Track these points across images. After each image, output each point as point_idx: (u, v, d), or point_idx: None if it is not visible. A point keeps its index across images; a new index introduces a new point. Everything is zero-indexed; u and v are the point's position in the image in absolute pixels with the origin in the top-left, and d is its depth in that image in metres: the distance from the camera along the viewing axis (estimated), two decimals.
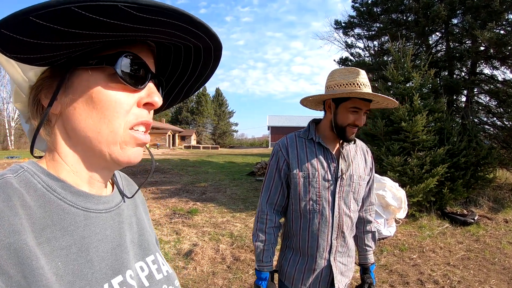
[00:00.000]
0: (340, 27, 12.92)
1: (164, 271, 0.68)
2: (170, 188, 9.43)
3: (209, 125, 64.78)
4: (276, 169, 1.64)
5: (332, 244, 1.61)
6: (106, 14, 0.42)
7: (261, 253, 1.61)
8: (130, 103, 0.55)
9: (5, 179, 0.49)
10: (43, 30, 0.42)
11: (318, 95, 1.63)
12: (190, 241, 4.91)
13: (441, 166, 5.98)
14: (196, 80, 0.68)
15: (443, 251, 4.72)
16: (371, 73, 10.54)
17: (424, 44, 10.77)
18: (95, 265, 0.53)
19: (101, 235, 0.56)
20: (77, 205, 0.54)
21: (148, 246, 0.68)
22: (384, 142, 6.78)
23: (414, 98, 6.36)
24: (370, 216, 1.79)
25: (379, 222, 4.93)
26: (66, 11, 0.40)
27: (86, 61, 0.52)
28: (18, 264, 0.43)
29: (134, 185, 0.79)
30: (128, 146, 0.56)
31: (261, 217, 1.64)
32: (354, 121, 1.54)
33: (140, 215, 0.72)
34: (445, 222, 5.96)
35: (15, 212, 0.45)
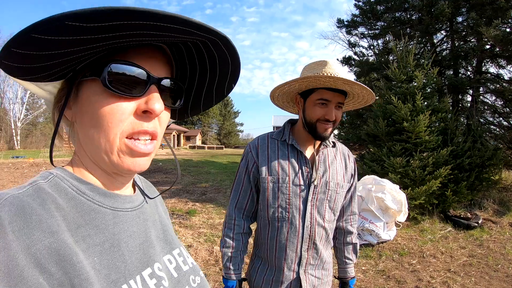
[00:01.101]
0: (343, 26, 12.83)
1: (189, 263, 0.72)
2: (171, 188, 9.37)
3: (215, 125, 64.99)
4: (246, 172, 1.53)
5: (302, 255, 1.47)
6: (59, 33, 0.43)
7: (228, 260, 1.50)
8: (125, 112, 0.54)
9: (38, 185, 0.52)
10: (21, 56, 0.46)
11: (274, 88, 1.48)
12: (185, 242, 4.84)
13: (445, 167, 5.85)
14: (222, 79, 0.66)
15: (444, 257, 4.56)
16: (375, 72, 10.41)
17: (428, 43, 10.64)
18: (127, 259, 0.56)
19: (129, 232, 0.60)
20: (105, 205, 0.58)
21: (173, 240, 0.73)
22: (385, 143, 6.67)
23: (417, 98, 6.23)
24: (351, 226, 1.65)
25: (378, 225, 4.80)
26: (29, 38, 0.43)
27: (85, 73, 0.55)
28: (58, 262, 0.46)
29: (153, 187, 0.84)
30: (126, 156, 0.56)
31: (228, 222, 1.53)
32: (323, 115, 1.38)
33: (160, 213, 0.77)
34: (448, 225, 5.81)
35: (51, 214, 0.49)
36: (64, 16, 0.41)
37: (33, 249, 0.44)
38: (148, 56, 0.57)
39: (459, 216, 5.97)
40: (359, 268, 4.15)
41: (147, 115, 0.56)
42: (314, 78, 1.34)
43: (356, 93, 1.43)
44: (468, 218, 5.86)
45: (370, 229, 4.78)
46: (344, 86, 1.35)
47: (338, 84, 1.34)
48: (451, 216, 6.02)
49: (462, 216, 5.98)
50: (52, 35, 0.43)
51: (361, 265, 4.22)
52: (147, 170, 4.77)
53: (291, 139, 1.49)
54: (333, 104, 1.39)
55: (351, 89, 1.38)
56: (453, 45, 10.31)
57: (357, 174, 1.67)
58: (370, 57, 12.81)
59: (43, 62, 0.48)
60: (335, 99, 1.38)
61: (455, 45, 10.23)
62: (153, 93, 0.56)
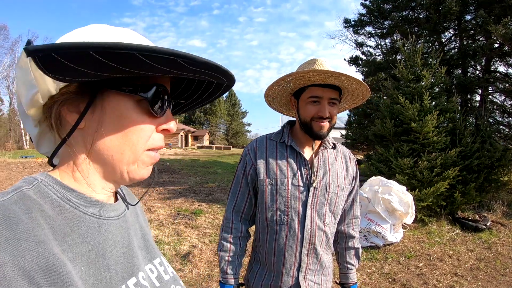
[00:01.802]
0: (350, 26, 12.74)
1: (169, 272, 0.73)
2: (177, 188, 9.45)
3: (222, 125, 65.18)
4: (243, 175, 1.49)
5: (302, 260, 1.43)
6: (162, 63, 0.47)
7: (225, 264, 1.48)
8: (152, 129, 0.59)
9: (22, 191, 0.50)
10: (97, 64, 0.45)
11: (265, 91, 1.47)
12: (190, 242, 4.86)
13: (453, 168, 5.76)
14: (199, 104, 0.75)
15: (452, 260, 4.48)
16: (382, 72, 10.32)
17: (436, 42, 10.51)
18: (112, 269, 0.56)
19: (113, 241, 0.60)
20: (91, 213, 0.57)
21: (153, 250, 0.73)
22: (393, 143, 6.60)
23: (424, 97, 6.15)
24: (353, 230, 1.60)
25: (384, 227, 4.75)
26: (129, 55, 0.44)
27: (119, 86, 0.55)
28: (47, 273, 0.45)
29: (132, 194, 0.83)
30: (144, 165, 0.61)
31: (226, 225, 1.51)
32: (317, 112, 1.35)
33: (141, 222, 0.76)
34: (456, 228, 5.71)
35: (37, 223, 0.48)
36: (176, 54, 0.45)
37: (21, 260, 0.43)
38: (165, 79, 0.62)
39: (467, 218, 5.88)
40: (365, 270, 4.11)
41: (164, 132, 0.62)
42: (297, 75, 1.32)
43: (348, 86, 1.38)
44: (476, 221, 5.76)
45: (376, 231, 4.73)
46: (330, 79, 1.31)
47: (323, 78, 1.31)
48: (459, 218, 5.92)
49: (470, 218, 5.89)
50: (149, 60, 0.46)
51: (366, 268, 4.18)
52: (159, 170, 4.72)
53: (290, 140, 1.46)
54: (325, 100, 1.35)
55: (339, 82, 1.34)
56: (461, 43, 10.17)
57: (365, 175, 1.62)
58: (377, 56, 12.69)
59: (98, 71, 0.48)
60: (326, 94, 1.35)
61: (463, 43, 10.09)
62: (169, 113, 0.63)
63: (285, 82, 1.39)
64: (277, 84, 1.42)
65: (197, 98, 0.72)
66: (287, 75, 1.35)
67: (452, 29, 10.44)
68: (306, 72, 1.30)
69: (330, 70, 1.28)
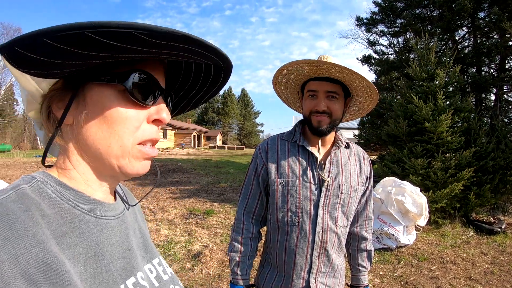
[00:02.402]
0: (362, 24, 12.62)
1: (168, 272, 0.72)
2: (189, 188, 9.53)
3: (235, 126, 65.39)
4: (255, 175, 1.48)
5: (313, 263, 1.40)
6: (119, 39, 0.44)
7: (235, 265, 1.46)
8: (139, 119, 0.57)
9: (20, 189, 0.50)
10: (55, 50, 0.44)
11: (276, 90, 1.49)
12: (201, 242, 4.89)
13: (467, 169, 5.65)
14: (204, 94, 0.71)
15: (465, 263, 4.38)
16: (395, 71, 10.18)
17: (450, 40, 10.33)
18: (111, 268, 0.56)
19: (112, 240, 0.59)
20: (89, 212, 0.57)
21: (152, 250, 0.72)
22: (406, 144, 6.50)
23: (438, 97, 6.04)
24: (366, 232, 1.56)
25: (397, 229, 4.68)
26: (80, 35, 0.42)
27: (99, 76, 0.54)
28: (46, 272, 0.44)
29: (131, 194, 0.82)
30: (137, 160, 0.58)
31: (237, 226, 1.49)
32: (314, 106, 1.34)
33: (139, 222, 0.76)
34: (470, 230, 5.59)
35: (36, 221, 0.47)
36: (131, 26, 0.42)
37: (20, 259, 0.43)
38: (156, 67, 0.60)
39: (481, 221, 5.74)
40: (377, 273, 4.06)
41: (156, 123, 0.59)
42: (286, 70, 1.33)
43: (341, 77, 1.34)
44: (491, 223, 5.62)
45: (389, 233, 4.66)
46: (317, 69, 1.30)
47: (306, 67, 1.30)
48: (473, 220, 5.80)
49: (484, 221, 5.75)
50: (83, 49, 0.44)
51: (378, 270, 4.12)
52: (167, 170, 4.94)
53: (302, 140, 1.43)
54: (321, 93, 1.33)
55: (329, 73, 1.31)
56: (475, 41, 9.96)
57: (378, 176, 1.59)
58: (390, 55, 12.53)
59: (64, 60, 0.47)
60: (322, 88, 1.33)
61: (477, 41, 9.88)
62: (161, 103, 0.60)
63: (283, 78, 1.40)
64: (276, 82, 1.43)
65: (199, 90, 0.70)
66: (278, 71, 1.36)
67: (465, 26, 10.24)
68: (292, 65, 1.30)
69: (313, 59, 1.26)
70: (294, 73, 1.37)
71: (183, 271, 3.93)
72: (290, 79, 1.42)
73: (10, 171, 12.89)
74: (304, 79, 1.38)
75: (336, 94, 1.34)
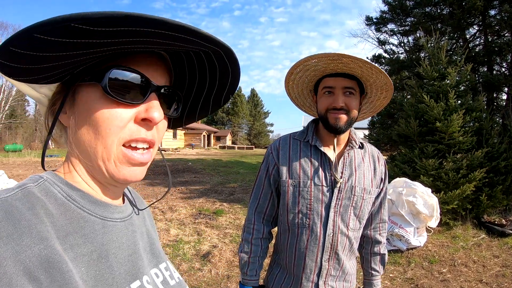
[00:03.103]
0: (372, 23, 12.52)
1: (175, 277, 0.71)
2: (199, 188, 9.57)
3: (245, 126, 65.44)
4: (266, 175, 1.45)
5: (323, 266, 1.37)
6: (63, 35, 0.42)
7: (245, 266, 1.45)
8: (124, 119, 0.54)
9: (27, 188, 0.50)
10: (20, 56, 0.44)
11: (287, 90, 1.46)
12: (211, 242, 4.91)
13: (479, 170, 5.54)
14: (220, 89, 0.67)
15: (477, 266, 4.31)
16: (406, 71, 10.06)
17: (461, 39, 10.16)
18: (115, 271, 0.55)
19: (118, 243, 0.58)
20: (95, 214, 0.56)
21: (159, 254, 0.71)
22: (417, 144, 6.41)
23: (450, 96, 5.94)
24: (379, 235, 1.52)
25: (408, 230, 4.62)
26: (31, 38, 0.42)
27: (83, 77, 0.54)
28: (48, 269, 0.44)
29: (141, 198, 0.82)
30: (123, 165, 0.56)
31: (247, 226, 1.47)
32: (331, 103, 1.29)
33: (148, 225, 0.75)
34: (481, 232, 5.49)
35: (40, 219, 0.47)
36: (72, 18, 0.40)
37: (22, 256, 0.43)
38: (149, 63, 0.57)
39: (493, 223, 5.65)
40: (387, 275, 4.02)
41: (146, 123, 0.56)
42: (303, 65, 1.29)
43: (361, 72, 1.30)
44: (503, 225, 5.52)
45: (399, 234, 4.61)
46: (335, 64, 1.25)
47: (325, 62, 1.26)
48: (484, 222, 5.71)
49: (496, 223, 5.65)
50: (56, 37, 0.42)
51: (388, 272, 4.08)
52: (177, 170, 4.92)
53: (314, 139, 1.39)
54: (338, 90, 1.30)
55: (348, 67, 1.27)
56: (486, 40, 9.79)
57: (388, 177, 1.51)
58: (400, 54, 12.41)
59: (41, 64, 0.47)
60: (339, 84, 1.29)
61: (488, 40, 9.70)
62: (153, 100, 0.56)
63: (297, 75, 1.37)
64: (289, 78, 1.40)
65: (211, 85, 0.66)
66: (293, 66, 1.33)
67: (476, 25, 10.08)
68: (308, 59, 1.27)
69: (332, 53, 1.22)
70: (310, 68, 1.33)
71: (192, 271, 3.95)
72: (304, 75, 1.38)
73: (21, 171, 13.15)
74: (320, 76, 1.35)
75: (353, 90, 1.31)
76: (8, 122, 36.97)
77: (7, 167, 14.44)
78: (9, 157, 19.43)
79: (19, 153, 23.13)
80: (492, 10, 9.48)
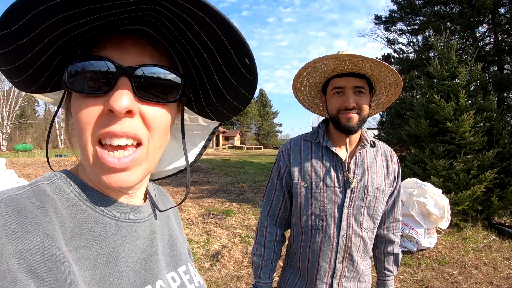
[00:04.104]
0: (381, 22, 12.43)
1: (195, 281, 0.67)
2: (208, 188, 9.61)
3: (253, 126, 65.46)
4: (278, 178, 1.44)
5: (336, 267, 1.35)
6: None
7: (258, 268, 1.44)
8: (92, 113, 0.48)
9: (38, 186, 0.50)
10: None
11: (295, 92, 1.46)
12: (220, 242, 4.93)
13: (490, 171, 5.46)
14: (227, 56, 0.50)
15: (487, 268, 4.25)
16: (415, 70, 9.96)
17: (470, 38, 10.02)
18: (123, 275, 0.52)
19: (131, 245, 0.56)
20: (108, 215, 0.54)
21: (180, 256, 0.68)
22: (428, 144, 6.35)
23: (460, 96, 5.87)
24: (393, 235, 1.49)
25: (418, 232, 4.58)
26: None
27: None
28: (51, 268, 0.43)
29: (167, 196, 0.78)
30: (102, 169, 0.49)
31: (260, 229, 1.46)
32: (342, 104, 1.28)
33: (172, 225, 0.71)
34: (492, 234, 5.41)
35: (49, 218, 0.46)
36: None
37: (26, 254, 0.42)
38: (115, 44, 0.50)
39: (504, 224, 5.58)
40: (397, 276, 3.99)
41: (110, 114, 0.47)
42: (312, 67, 1.29)
43: (371, 72, 1.29)
44: None
45: (410, 235, 4.57)
46: (345, 64, 1.25)
47: (334, 63, 1.26)
48: (495, 223, 5.63)
49: (507, 224, 5.59)
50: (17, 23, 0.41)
51: (398, 274, 4.05)
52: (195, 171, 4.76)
53: (326, 140, 1.38)
54: (349, 89, 1.28)
55: (358, 67, 1.26)
56: (496, 39, 9.65)
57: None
58: (410, 54, 12.31)
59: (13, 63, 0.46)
60: (349, 83, 1.28)
61: (498, 39, 9.55)
62: (120, 88, 0.47)
63: (305, 77, 1.36)
64: (297, 81, 1.40)
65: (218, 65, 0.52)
66: (302, 68, 1.33)
67: (486, 23, 9.93)
68: (317, 61, 1.27)
69: (343, 54, 1.22)
70: (319, 70, 1.33)
71: (201, 271, 3.98)
72: (313, 77, 1.38)
73: (31, 170, 13.38)
74: (329, 76, 1.34)
75: (363, 89, 1.30)
76: (18, 122, 37.65)
77: (17, 166, 14.72)
78: (19, 156, 19.77)
79: (29, 153, 23.51)
80: (502, 8, 9.36)
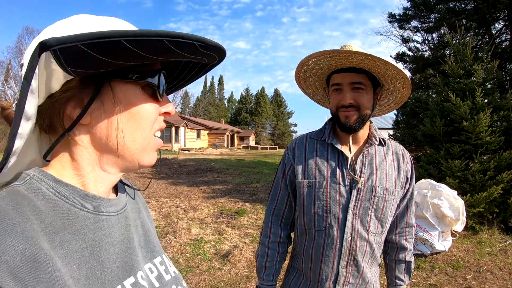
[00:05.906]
0: (395, 21, 12.19)
1: (171, 272, 0.70)
2: (222, 187, 9.67)
3: (268, 126, 65.45)
4: (283, 177, 1.39)
5: (340, 272, 1.28)
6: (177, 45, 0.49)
7: (262, 270, 1.40)
8: (156, 113, 0.60)
9: (12, 187, 0.50)
10: (122, 51, 0.47)
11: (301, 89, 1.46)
12: (231, 242, 4.95)
13: (507, 172, 5.29)
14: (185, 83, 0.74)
15: (503, 273, 4.11)
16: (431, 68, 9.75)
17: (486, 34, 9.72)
18: (107, 267, 0.54)
19: (111, 238, 0.57)
20: (86, 208, 0.55)
21: (154, 248, 0.70)
22: (443, 144, 6.19)
23: (476, 94, 5.71)
24: (405, 241, 1.40)
25: (432, 234, 4.48)
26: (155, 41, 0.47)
27: (126, 74, 0.55)
28: (33, 269, 0.43)
29: (133, 187, 0.80)
30: (151, 151, 0.62)
31: (265, 230, 1.42)
32: (339, 101, 1.23)
33: (143, 218, 0.73)
34: (508, 237, 5.24)
35: (26, 218, 0.46)
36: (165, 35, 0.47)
37: (6, 256, 0.42)
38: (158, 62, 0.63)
39: None
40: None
41: (166, 115, 0.63)
42: (306, 65, 1.28)
43: (364, 65, 1.22)
44: None
45: (424, 238, 4.48)
46: (336, 60, 1.21)
47: (324, 60, 1.23)
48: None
49: None
50: (138, 49, 0.47)
51: (411, 277, 3.98)
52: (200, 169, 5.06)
53: (331, 138, 1.32)
54: (345, 86, 1.23)
55: (350, 62, 1.20)
56: None
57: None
58: (425, 52, 11.99)
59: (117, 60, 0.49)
60: (346, 79, 1.23)
61: None
62: (166, 96, 0.64)
63: (304, 75, 1.35)
64: (298, 79, 1.39)
65: (183, 78, 0.72)
66: (298, 68, 1.33)
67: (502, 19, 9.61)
68: (308, 59, 1.25)
69: (326, 50, 1.18)
70: (315, 67, 1.30)
71: (211, 271, 4.00)
72: (311, 74, 1.35)
73: None
74: (326, 73, 1.31)
75: (361, 85, 1.23)
76: None
77: None
78: None
79: None
80: None
